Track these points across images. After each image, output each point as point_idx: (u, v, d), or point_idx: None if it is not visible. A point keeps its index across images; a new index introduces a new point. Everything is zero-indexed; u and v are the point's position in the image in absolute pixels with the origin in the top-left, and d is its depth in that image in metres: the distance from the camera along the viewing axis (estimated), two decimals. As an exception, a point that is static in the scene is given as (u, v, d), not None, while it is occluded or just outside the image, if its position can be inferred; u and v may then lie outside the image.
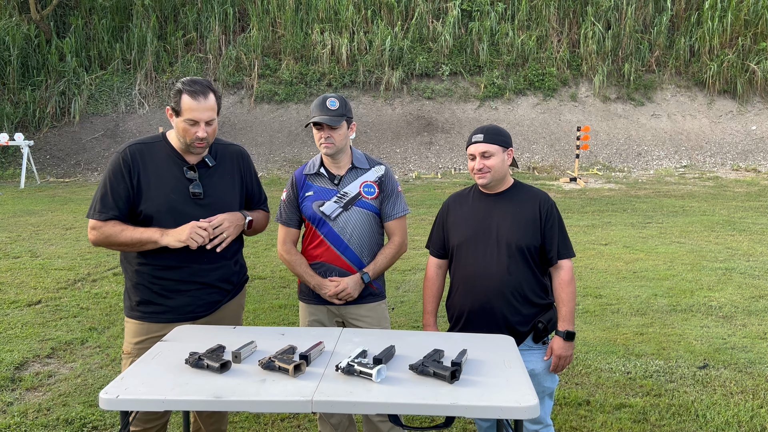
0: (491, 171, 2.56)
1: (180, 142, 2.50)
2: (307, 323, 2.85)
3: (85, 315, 5.34)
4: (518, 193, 2.66)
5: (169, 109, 2.48)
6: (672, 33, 17.50)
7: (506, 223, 2.57)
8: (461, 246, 2.64)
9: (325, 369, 1.96)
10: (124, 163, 2.45)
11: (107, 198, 2.44)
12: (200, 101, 2.41)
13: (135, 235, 2.41)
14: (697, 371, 4.13)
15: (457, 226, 2.68)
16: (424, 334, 2.40)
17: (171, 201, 2.46)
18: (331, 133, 2.68)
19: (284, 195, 2.89)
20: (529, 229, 2.55)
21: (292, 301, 5.74)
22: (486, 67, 16.92)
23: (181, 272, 2.50)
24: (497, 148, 2.57)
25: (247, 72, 16.75)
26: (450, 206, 2.77)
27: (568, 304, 2.56)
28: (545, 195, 2.65)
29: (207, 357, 1.97)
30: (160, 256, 2.47)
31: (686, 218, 9.46)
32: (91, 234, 2.46)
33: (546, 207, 2.58)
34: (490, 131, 2.60)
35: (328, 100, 2.71)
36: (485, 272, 2.55)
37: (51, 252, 7.51)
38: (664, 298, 5.68)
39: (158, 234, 2.41)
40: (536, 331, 2.55)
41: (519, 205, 2.60)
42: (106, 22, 17.21)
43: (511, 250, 2.53)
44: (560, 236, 2.59)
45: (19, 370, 4.24)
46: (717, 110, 16.69)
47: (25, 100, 15.83)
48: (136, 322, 2.53)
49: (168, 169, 2.49)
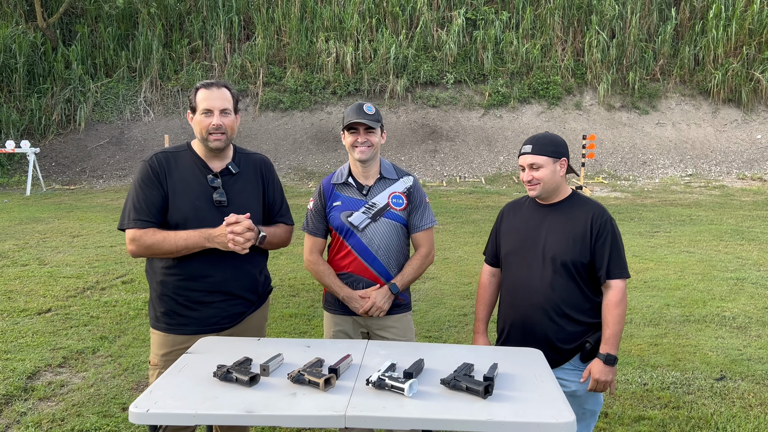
0: (541, 183, 2.48)
1: (199, 139, 2.49)
2: (332, 334, 2.83)
3: (96, 324, 5.32)
4: (573, 205, 2.55)
5: (189, 113, 2.51)
6: (676, 42, 17.54)
7: (554, 236, 2.49)
8: (508, 256, 2.60)
9: (355, 382, 1.93)
10: (152, 169, 2.44)
11: (141, 206, 2.41)
12: (213, 90, 2.45)
13: (180, 243, 2.37)
14: (714, 383, 4.10)
15: (508, 235, 2.64)
16: (451, 346, 2.37)
17: (196, 208, 2.45)
18: (369, 137, 2.66)
19: (311, 204, 2.87)
20: (578, 245, 2.46)
21: (302, 310, 5.72)
22: (490, 75, 16.96)
23: (206, 282, 2.48)
24: (546, 159, 2.47)
25: (252, 80, 16.80)
26: (504, 214, 2.73)
27: (613, 327, 2.42)
28: (600, 209, 2.52)
29: (235, 370, 1.95)
30: (186, 265, 2.45)
31: (694, 227, 9.43)
32: (131, 246, 2.41)
33: (600, 222, 2.46)
34: (539, 142, 2.50)
35: (365, 105, 2.70)
36: (528, 286, 2.49)
37: (59, 260, 7.50)
38: (676, 308, 5.65)
39: (203, 239, 2.37)
40: (583, 350, 2.47)
41: (571, 218, 2.51)
42: (112, 30, 17.29)
43: (556, 265, 2.46)
44: (612, 254, 2.45)
45: (32, 380, 4.21)
46: (722, 119, 16.70)
47: (31, 107, 15.88)
48: (161, 334, 2.51)
49: (193, 177, 2.49)
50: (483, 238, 8.64)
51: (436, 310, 5.64)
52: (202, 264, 2.45)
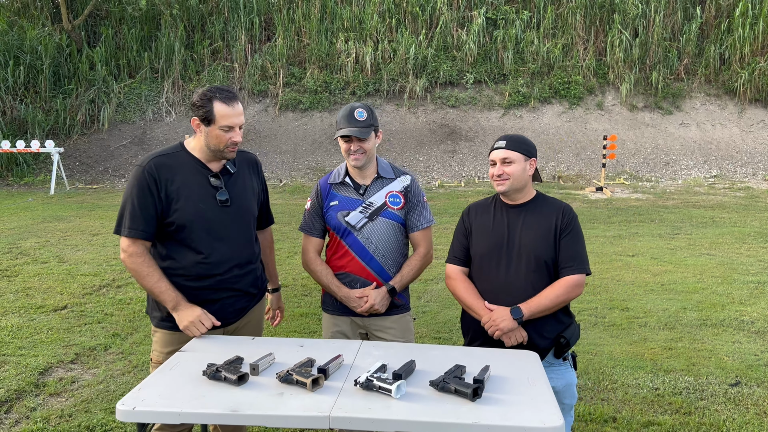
0: (510, 178, 2.50)
1: (210, 150, 2.49)
2: (330, 334, 2.82)
3: (109, 321, 5.39)
4: (541, 204, 2.59)
5: (197, 120, 2.46)
6: (701, 41, 17.20)
7: (530, 234, 2.50)
8: (483, 257, 2.57)
9: (344, 383, 1.92)
10: (149, 176, 2.43)
11: (136, 215, 2.41)
12: (234, 107, 2.44)
13: (155, 289, 2.42)
14: (728, 389, 3.99)
15: (479, 235, 2.61)
16: (445, 348, 2.34)
17: (201, 210, 2.47)
18: (361, 145, 2.65)
19: (308, 204, 2.87)
20: (550, 241, 2.48)
21: (314, 309, 5.72)
22: (511, 75, 16.81)
23: (212, 280, 2.51)
24: (519, 156, 2.51)
25: (272, 80, 16.89)
26: (471, 214, 2.70)
27: (544, 300, 2.40)
28: (567, 206, 2.57)
29: (225, 369, 1.95)
30: (192, 267, 2.48)
31: (716, 229, 9.23)
32: (123, 255, 2.45)
33: (566, 218, 2.50)
34: (513, 139, 2.56)
35: (356, 111, 2.66)
36: (506, 285, 2.48)
37: (78, 258, 7.62)
38: (693, 312, 5.53)
39: (171, 304, 2.42)
40: (558, 346, 2.47)
41: (542, 217, 2.53)
42: (136, 31, 17.53)
43: (538, 263, 2.46)
44: (574, 249, 2.48)
45: (44, 376, 4.28)
46: (748, 119, 16.33)
47: (56, 108, 16.17)
48: (167, 332, 2.52)
49: (194, 179, 2.49)
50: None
51: (447, 311, 5.59)
52: (209, 264, 2.49)
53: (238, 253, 2.56)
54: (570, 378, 2.50)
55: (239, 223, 2.58)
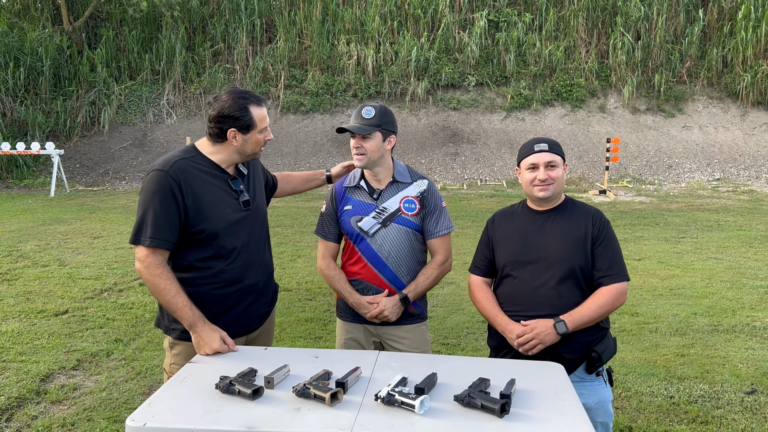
0: (555, 183, 2.40)
1: (246, 155, 2.43)
2: (343, 341, 2.74)
3: (111, 326, 5.30)
4: (570, 209, 2.48)
5: (234, 131, 2.34)
6: (704, 43, 17.17)
7: (557, 241, 2.39)
8: (508, 266, 2.47)
9: (363, 398, 1.83)
10: (174, 181, 2.28)
11: (160, 222, 2.26)
12: (264, 107, 2.44)
13: (171, 305, 2.27)
14: (744, 397, 3.92)
15: (505, 243, 2.51)
16: (466, 359, 2.26)
17: (229, 216, 2.40)
18: (362, 143, 2.56)
19: (324, 207, 2.80)
20: (580, 249, 2.37)
21: (319, 314, 5.64)
22: (513, 77, 16.76)
23: (239, 286, 2.44)
24: (560, 160, 2.43)
25: (274, 83, 16.83)
26: (496, 222, 2.61)
27: (587, 311, 2.30)
28: (598, 212, 2.46)
29: (238, 382, 1.86)
30: (219, 274, 2.40)
31: (722, 233, 9.16)
32: (140, 266, 2.28)
33: (598, 224, 2.39)
34: (552, 142, 2.45)
35: (365, 108, 2.59)
36: (533, 294, 2.37)
37: (79, 261, 7.53)
38: (704, 317, 5.45)
39: (187, 322, 2.28)
40: (589, 360, 2.35)
41: (570, 223, 2.42)
42: (136, 33, 17.47)
43: (563, 271, 2.35)
44: (611, 257, 2.37)
45: (45, 382, 4.19)
46: (751, 122, 16.29)
47: (57, 109, 16.09)
48: (191, 345, 2.36)
49: (216, 185, 2.40)
50: (504, 243, 8.48)
51: (454, 317, 5.51)
52: (236, 269, 2.42)
53: (260, 256, 2.52)
54: (603, 395, 2.38)
55: (257, 224, 2.52)
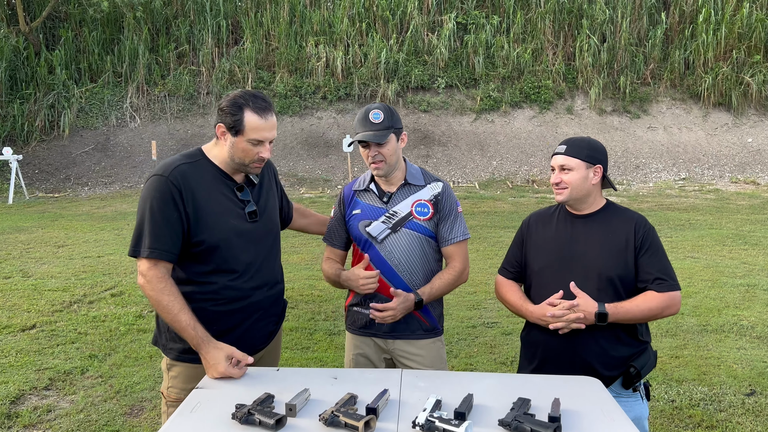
0: (569, 187, 2.27)
1: (234, 162, 2.21)
2: (352, 356, 2.57)
3: (84, 341, 5.01)
4: (610, 215, 2.34)
5: (222, 126, 2.16)
6: (667, 46, 17.51)
7: (596, 249, 2.26)
8: (542, 273, 2.33)
9: (398, 424, 1.68)
10: (174, 187, 2.10)
11: (161, 232, 2.08)
12: (267, 119, 2.15)
13: (174, 324, 2.08)
14: (744, 399, 3.89)
15: (540, 248, 2.38)
16: (496, 376, 2.12)
17: (232, 227, 2.21)
18: (379, 150, 2.38)
19: (332, 212, 2.64)
20: (621, 258, 2.23)
21: (303, 323, 5.45)
22: (482, 80, 16.80)
23: (243, 303, 2.24)
24: (579, 163, 2.27)
25: (241, 85, 16.48)
26: (531, 225, 2.47)
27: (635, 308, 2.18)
28: (641, 218, 2.32)
29: (258, 411, 1.69)
30: (224, 290, 2.21)
31: (694, 232, 9.29)
32: (142, 280, 2.10)
33: (642, 232, 2.25)
34: (575, 143, 2.31)
35: (371, 112, 2.41)
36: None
37: (43, 271, 7.16)
38: (691, 317, 5.45)
39: (193, 342, 2.08)
40: (626, 375, 2.23)
41: (610, 230, 2.28)
42: (97, 34, 16.88)
43: (601, 280, 2.22)
44: (659, 265, 2.24)
45: (15, 405, 3.91)
46: (712, 123, 16.67)
47: (13, 113, 15.41)
48: (190, 366, 2.18)
49: (221, 193, 2.21)
50: (482, 245, 8.41)
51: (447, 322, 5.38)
52: (240, 285, 2.23)
53: (268, 272, 2.32)
54: (640, 411, 2.27)
55: (267, 238, 2.33)
